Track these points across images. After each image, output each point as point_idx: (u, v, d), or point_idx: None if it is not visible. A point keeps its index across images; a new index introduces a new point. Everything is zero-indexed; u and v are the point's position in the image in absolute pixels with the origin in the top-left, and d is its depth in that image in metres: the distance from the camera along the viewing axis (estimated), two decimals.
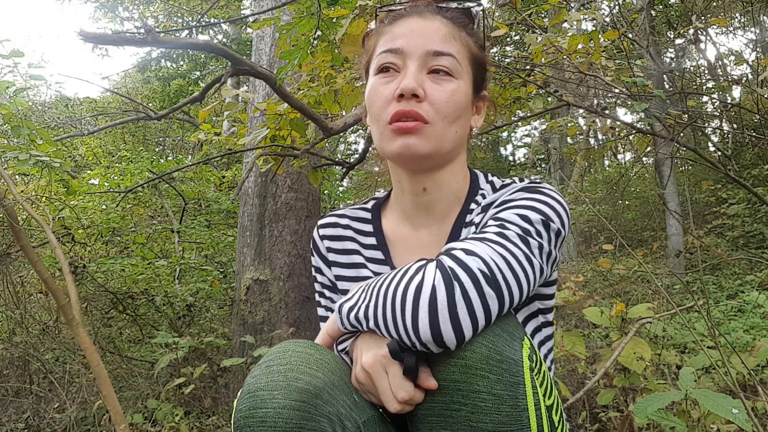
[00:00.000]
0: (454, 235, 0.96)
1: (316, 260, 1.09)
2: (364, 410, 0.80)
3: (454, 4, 0.98)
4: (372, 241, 1.03)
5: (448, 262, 0.74)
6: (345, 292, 1.03)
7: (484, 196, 0.97)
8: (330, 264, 1.06)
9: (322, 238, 1.07)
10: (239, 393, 0.76)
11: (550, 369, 0.97)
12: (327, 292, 1.08)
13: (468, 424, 0.71)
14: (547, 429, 0.74)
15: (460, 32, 0.95)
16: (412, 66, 0.90)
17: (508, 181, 0.98)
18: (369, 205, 1.08)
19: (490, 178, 1.02)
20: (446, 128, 0.90)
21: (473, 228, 0.94)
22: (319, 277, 1.08)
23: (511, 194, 0.90)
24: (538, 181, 0.93)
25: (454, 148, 0.94)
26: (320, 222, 1.09)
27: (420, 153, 0.89)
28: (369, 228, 1.05)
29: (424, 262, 0.77)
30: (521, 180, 0.95)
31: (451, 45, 0.92)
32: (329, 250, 1.06)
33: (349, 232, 1.06)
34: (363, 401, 0.81)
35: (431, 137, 0.89)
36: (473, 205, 0.97)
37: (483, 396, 0.70)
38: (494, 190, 0.98)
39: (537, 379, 0.74)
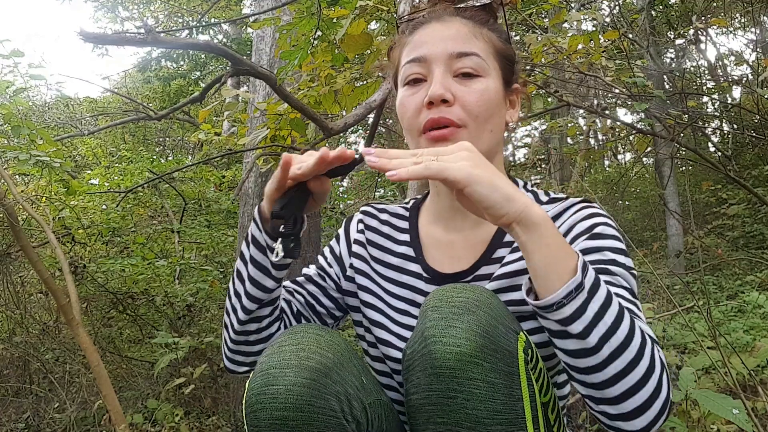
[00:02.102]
0: (492, 247, 0.95)
1: (341, 231, 1.12)
2: (370, 393, 0.83)
3: (471, 3, 0.98)
4: (406, 237, 1.05)
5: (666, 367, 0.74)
6: (361, 272, 1.05)
7: None
8: (352, 242, 1.08)
9: (360, 221, 1.10)
10: (251, 373, 0.78)
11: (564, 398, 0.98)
12: (330, 258, 1.10)
13: (464, 412, 0.71)
14: (542, 423, 0.75)
15: (482, 29, 0.95)
16: (438, 71, 0.90)
17: (554, 194, 0.98)
18: (409, 205, 1.10)
19: (529, 186, 1.02)
20: (480, 129, 0.90)
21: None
22: (334, 244, 1.11)
23: (595, 223, 0.87)
24: (592, 203, 0.92)
25: (491, 147, 0.93)
26: (363, 208, 1.12)
27: None
28: (405, 225, 1.07)
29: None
30: (569, 197, 0.94)
31: (473, 44, 0.92)
32: (360, 231, 1.09)
33: (385, 228, 1.08)
34: (370, 384, 0.84)
35: (467, 141, 0.88)
36: None
37: (478, 383, 0.71)
38: (537, 199, 0.98)
39: (533, 373, 0.75)
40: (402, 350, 0.94)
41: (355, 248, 1.07)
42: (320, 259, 1.12)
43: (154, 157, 6.74)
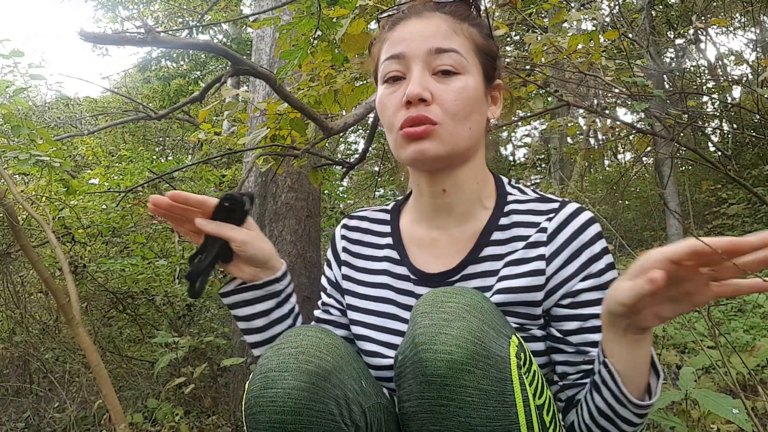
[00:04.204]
0: (479, 245, 0.94)
1: (329, 253, 1.11)
2: (370, 396, 0.82)
3: None
4: (389, 241, 1.03)
5: None
6: (348, 292, 1.04)
7: (518, 203, 0.96)
8: (341, 263, 1.07)
9: (342, 237, 1.09)
10: (251, 375, 0.78)
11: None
12: (329, 288, 1.10)
13: (457, 420, 0.71)
14: (537, 426, 0.74)
15: (462, 25, 0.93)
16: (416, 69, 0.89)
17: (541, 193, 0.97)
18: (390, 207, 1.09)
19: (513, 183, 1.01)
20: (458, 127, 0.89)
21: (508, 255, 0.92)
22: (327, 271, 1.10)
23: (603, 250, 0.90)
24: (588, 212, 0.92)
25: (471, 145, 0.93)
26: (344, 222, 1.10)
27: (434, 156, 0.89)
28: (387, 229, 1.05)
29: None
30: (563, 203, 0.93)
31: (452, 40, 0.90)
32: (344, 250, 1.08)
33: (368, 237, 1.07)
34: (369, 388, 0.83)
35: (443, 138, 0.88)
36: (504, 220, 0.95)
37: (470, 391, 0.70)
38: (523, 194, 0.98)
39: (526, 377, 0.75)
40: (392, 357, 0.93)
41: (344, 270, 1.07)
42: (322, 294, 1.12)
43: (154, 156, 6.74)
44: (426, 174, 0.95)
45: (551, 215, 0.92)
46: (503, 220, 0.95)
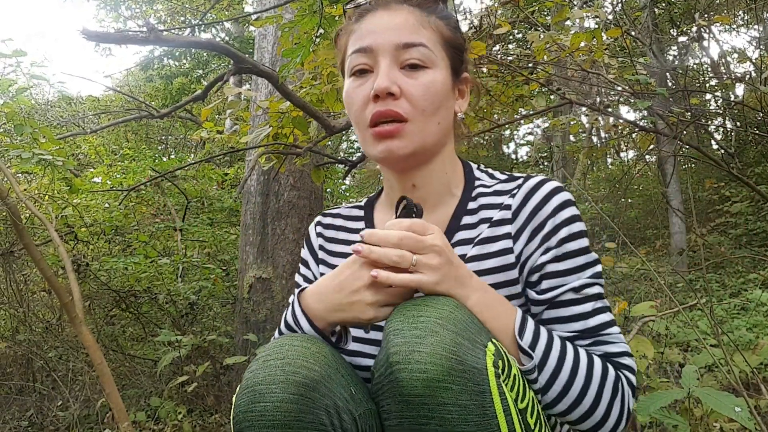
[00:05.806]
0: (449, 231, 0.94)
1: (305, 253, 1.10)
2: (360, 403, 0.81)
3: None
4: None
5: (630, 377, 0.88)
6: None
7: (485, 187, 0.96)
8: (319, 261, 1.07)
9: (318, 235, 1.08)
10: (238, 388, 0.77)
11: None
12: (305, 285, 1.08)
13: None
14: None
15: (429, 17, 0.92)
16: (384, 63, 0.88)
17: (515, 174, 0.97)
18: (363, 203, 1.09)
19: (482, 167, 1.01)
20: (427, 122, 0.89)
21: (480, 236, 0.92)
22: (303, 269, 1.09)
23: (567, 218, 0.88)
24: (553, 182, 0.91)
25: (440, 139, 0.93)
26: (318, 219, 1.10)
27: (404, 155, 0.89)
28: (361, 225, 1.05)
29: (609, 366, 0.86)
30: (527, 178, 0.93)
31: (420, 34, 0.90)
32: (321, 248, 1.07)
33: (342, 234, 1.06)
34: (359, 394, 0.82)
35: (413, 136, 0.88)
36: (472, 204, 0.95)
37: (449, 408, 0.68)
38: (492, 177, 0.98)
39: (506, 384, 0.73)
40: (373, 357, 0.91)
41: (323, 269, 1.05)
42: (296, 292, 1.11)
43: (157, 155, 6.75)
44: (395, 170, 0.96)
45: (514, 191, 0.92)
46: (471, 205, 0.95)
